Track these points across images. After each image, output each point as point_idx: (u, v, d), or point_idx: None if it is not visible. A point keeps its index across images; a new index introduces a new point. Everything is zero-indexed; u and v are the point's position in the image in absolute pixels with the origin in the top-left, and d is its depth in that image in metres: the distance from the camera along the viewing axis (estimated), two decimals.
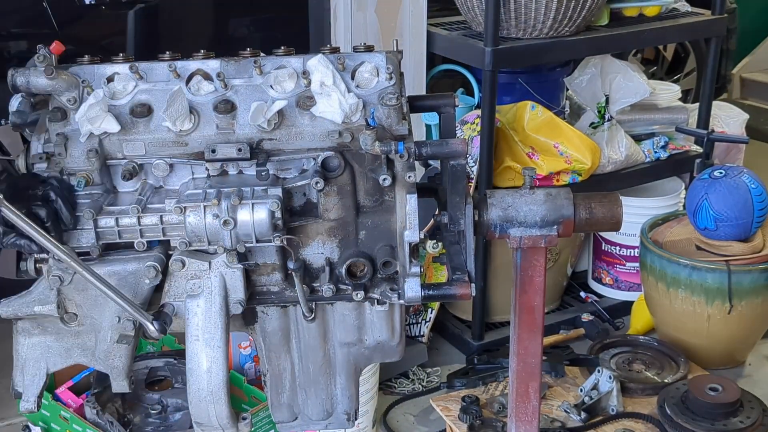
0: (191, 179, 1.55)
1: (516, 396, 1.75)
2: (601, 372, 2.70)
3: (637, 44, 4.08)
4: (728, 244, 3.05)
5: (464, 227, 1.57)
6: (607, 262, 3.70)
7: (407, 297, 1.53)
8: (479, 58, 3.03)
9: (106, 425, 2.60)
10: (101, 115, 1.49)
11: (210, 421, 1.56)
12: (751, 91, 6.16)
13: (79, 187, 1.50)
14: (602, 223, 1.63)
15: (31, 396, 1.59)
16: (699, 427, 2.54)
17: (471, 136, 3.21)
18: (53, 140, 1.50)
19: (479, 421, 2.60)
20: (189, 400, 1.54)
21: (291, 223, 1.52)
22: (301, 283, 1.52)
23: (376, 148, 1.46)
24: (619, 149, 3.42)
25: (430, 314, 3.36)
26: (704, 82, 3.72)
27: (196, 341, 1.52)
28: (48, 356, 1.59)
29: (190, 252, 1.53)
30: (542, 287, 1.67)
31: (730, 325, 3.09)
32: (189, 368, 1.53)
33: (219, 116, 1.51)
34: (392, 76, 1.54)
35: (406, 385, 3.22)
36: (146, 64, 1.55)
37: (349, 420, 1.75)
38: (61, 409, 2.66)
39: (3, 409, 2.99)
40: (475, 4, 3.14)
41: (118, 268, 1.50)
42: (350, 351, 1.68)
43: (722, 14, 3.58)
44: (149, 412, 2.75)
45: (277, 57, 1.57)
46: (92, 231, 1.49)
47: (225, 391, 1.54)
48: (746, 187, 3.01)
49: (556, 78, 3.55)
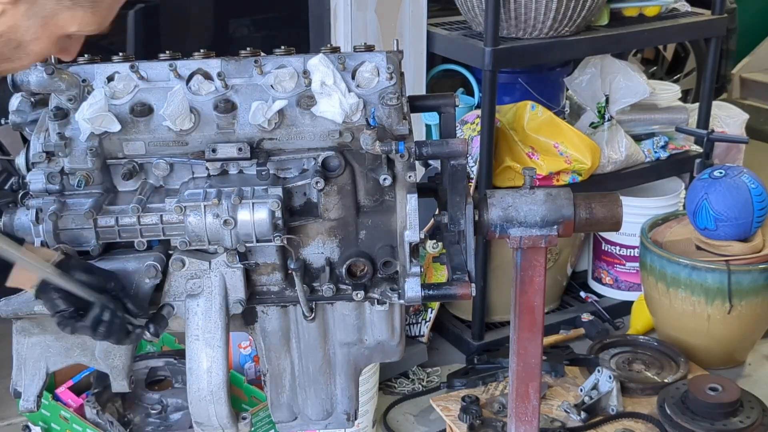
0: (191, 179, 1.55)
1: (516, 396, 1.75)
2: (601, 372, 2.70)
3: (637, 44, 4.08)
4: (728, 244, 3.05)
5: (464, 227, 1.57)
6: (607, 262, 3.70)
7: (407, 297, 1.53)
8: (479, 58, 3.03)
9: (106, 425, 2.60)
10: (101, 114, 1.49)
11: (210, 420, 1.56)
12: (751, 91, 6.15)
13: (79, 187, 1.51)
14: (602, 223, 1.64)
15: (31, 395, 1.59)
16: (699, 427, 2.54)
17: (471, 136, 3.21)
18: (53, 139, 1.50)
19: (479, 421, 2.60)
20: (189, 399, 1.54)
21: (291, 223, 1.52)
22: (301, 283, 1.52)
23: (377, 148, 1.46)
24: (619, 149, 3.42)
25: (430, 314, 3.36)
26: (704, 82, 3.72)
27: (196, 341, 1.52)
28: (48, 356, 1.59)
29: (190, 252, 1.53)
30: (542, 287, 1.67)
31: (730, 325, 3.09)
32: (189, 368, 1.53)
33: (219, 116, 1.51)
34: (393, 75, 1.54)
35: (406, 385, 3.22)
36: (146, 64, 1.55)
37: (348, 420, 1.75)
38: (61, 409, 2.66)
39: (3, 409, 2.99)
40: (475, 4, 3.14)
41: (118, 268, 1.50)
42: (350, 351, 1.68)
43: (722, 14, 3.58)
44: (149, 412, 2.74)
45: (278, 57, 1.57)
46: (92, 230, 1.49)
47: (225, 390, 1.54)
48: (746, 187, 3.01)
49: (556, 78, 3.54)
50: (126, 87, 1.53)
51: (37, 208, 1.48)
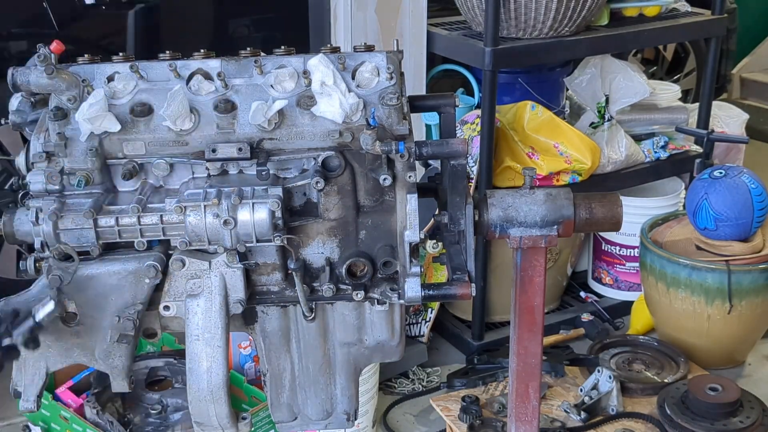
0: (191, 179, 1.55)
1: (516, 396, 1.75)
2: (601, 372, 2.70)
3: (637, 44, 4.08)
4: (728, 244, 3.05)
5: (464, 227, 1.57)
6: (607, 262, 3.70)
7: (407, 297, 1.53)
8: (479, 58, 3.03)
9: (106, 425, 2.60)
10: (101, 114, 1.48)
11: (210, 420, 1.56)
12: (751, 91, 6.16)
13: (79, 187, 1.50)
14: (602, 223, 1.63)
15: (31, 395, 1.59)
16: (699, 427, 2.54)
17: (471, 136, 3.21)
18: (53, 140, 1.50)
19: (479, 421, 2.60)
20: (189, 399, 1.54)
21: (291, 223, 1.52)
22: (301, 283, 1.52)
23: (377, 148, 1.46)
24: (619, 149, 3.42)
25: (430, 314, 3.36)
26: (704, 82, 3.72)
27: (197, 341, 1.52)
28: (48, 356, 1.59)
29: (190, 252, 1.53)
30: (542, 287, 1.67)
31: (730, 325, 3.09)
32: (189, 368, 1.53)
33: (219, 116, 1.51)
34: (393, 75, 1.54)
35: (406, 385, 3.22)
36: (146, 64, 1.55)
37: (348, 420, 1.75)
38: (61, 409, 2.66)
39: (3, 409, 2.99)
40: (475, 4, 3.14)
41: (118, 268, 1.50)
42: (350, 351, 1.68)
43: (722, 14, 3.58)
44: (149, 412, 2.74)
45: (278, 57, 1.57)
46: (92, 230, 1.49)
47: (225, 390, 1.54)
48: (746, 187, 3.01)
49: (556, 78, 3.55)
50: (126, 87, 1.53)
51: (37, 208, 1.48)
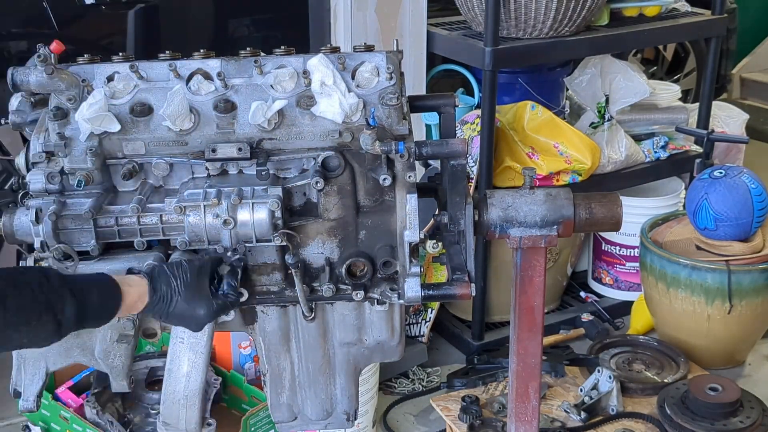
0: (191, 179, 1.55)
1: (516, 396, 1.75)
2: (601, 372, 2.70)
3: (637, 44, 4.08)
4: (728, 244, 3.05)
5: (464, 227, 1.57)
6: (607, 262, 3.70)
7: (407, 297, 1.53)
8: (479, 58, 3.03)
9: (106, 425, 2.60)
10: (101, 114, 1.49)
11: (178, 423, 1.56)
12: (751, 91, 6.15)
13: (79, 187, 1.50)
14: (602, 223, 1.64)
15: (31, 395, 1.59)
16: (699, 427, 2.54)
17: (471, 136, 3.21)
18: (53, 139, 1.50)
19: (479, 421, 2.60)
20: (162, 400, 1.54)
21: (291, 223, 1.52)
22: (301, 283, 1.52)
23: (377, 148, 1.46)
24: (619, 149, 3.42)
25: (430, 314, 3.35)
26: (704, 82, 3.72)
27: (181, 343, 1.53)
28: (47, 356, 1.59)
29: (190, 252, 1.53)
30: (542, 287, 1.67)
31: (730, 325, 3.09)
32: (168, 369, 1.53)
33: (219, 116, 1.51)
34: (392, 75, 1.54)
35: (406, 385, 3.22)
36: (146, 64, 1.55)
37: (348, 420, 1.75)
38: (61, 409, 2.66)
39: (3, 409, 2.99)
40: (475, 4, 3.14)
41: (118, 268, 1.50)
42: (350, 351, 1.68)
43: (722, 14, 3.58)
44: (149, 412, 2.74)
45: (278, 57, 1.57)
46: (92, 230, 1.49)
47: (200, 397, 1.54)
48: (746, 187, 3.01)
49: (556, 78, 3.54)
50: (126, 87, 1.53)
51: (36, 208, 1.48)
